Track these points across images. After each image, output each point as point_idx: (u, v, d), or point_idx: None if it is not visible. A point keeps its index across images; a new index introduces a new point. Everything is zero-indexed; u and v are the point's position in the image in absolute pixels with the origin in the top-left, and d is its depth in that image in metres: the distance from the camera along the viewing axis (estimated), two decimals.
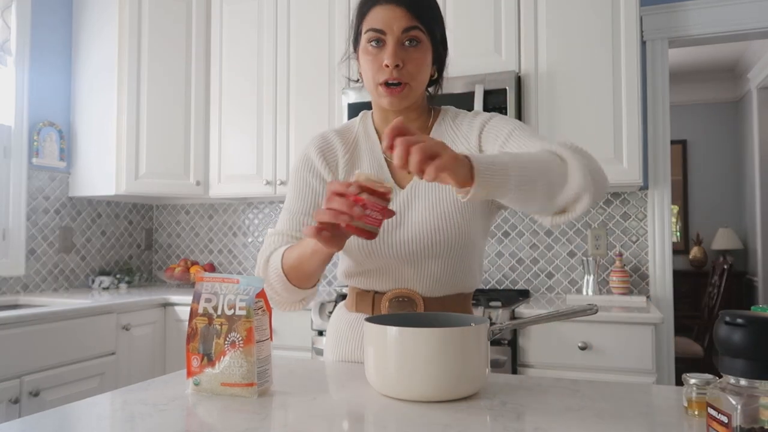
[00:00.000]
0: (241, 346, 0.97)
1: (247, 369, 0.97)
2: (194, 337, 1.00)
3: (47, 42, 3.05)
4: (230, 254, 3.49)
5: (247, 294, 0.99)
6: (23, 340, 2.17)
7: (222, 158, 3.14)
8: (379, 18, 1.12)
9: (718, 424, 0.64)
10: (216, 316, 0.99)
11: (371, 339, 0.97)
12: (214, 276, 1.02)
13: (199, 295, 1.01)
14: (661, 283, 2.70)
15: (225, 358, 0.97)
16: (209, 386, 0.98)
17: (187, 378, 1.01)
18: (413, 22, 1.11)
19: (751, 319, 0.63)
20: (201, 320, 1.00)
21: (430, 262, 1.17)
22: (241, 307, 0.98)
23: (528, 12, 2.59)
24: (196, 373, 0.99)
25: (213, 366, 0.98)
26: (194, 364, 0.99)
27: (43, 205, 3.01)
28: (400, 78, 1.12)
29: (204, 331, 0.99)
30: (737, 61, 5.55)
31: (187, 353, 1.01)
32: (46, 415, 0.88)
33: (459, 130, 1.22)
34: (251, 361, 0.96)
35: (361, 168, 1.23)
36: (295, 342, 2.56)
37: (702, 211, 6.02)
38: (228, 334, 0.98)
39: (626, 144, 2.45)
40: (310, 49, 2.97)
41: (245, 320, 0.97)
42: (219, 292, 1.00)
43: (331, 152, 1.24)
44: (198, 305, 1.00)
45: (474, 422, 0.84)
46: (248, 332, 0.97)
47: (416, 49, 1.13)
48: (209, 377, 0.98)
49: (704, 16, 2.71)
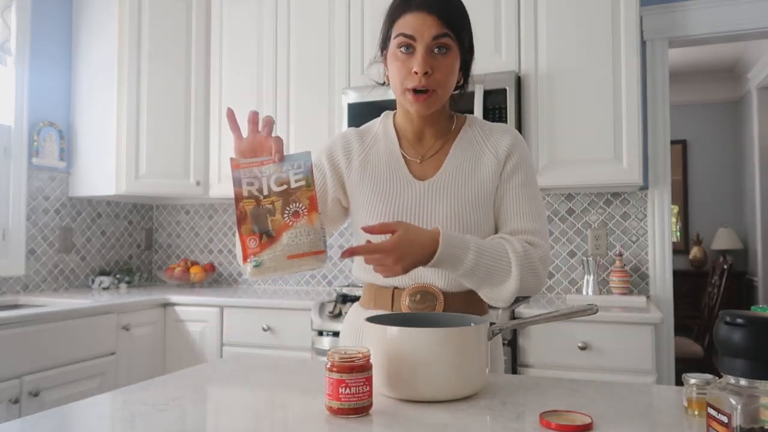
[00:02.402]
0: (306, 215, 0.96)
1: (314, 236, 0.96)
2: (245, 220, 0.97)
3: (47, 42, 3.05)
4: (230, 254, 3.48)
5: (300, 167, 0.98)
6: (23, 340, 2.17)
7: (222, 158, 3.14)
8: (411, 24, 1.13)
9: (718, 424, 0.64)
10: (263, 196, 0.97)
11: (371, 339, 0.97)
12: (251, 161, 0.99)
13: (239, 180, 0.98)
14: (661, 283, 2.70)
15: (289, 231, 0.96)
16: (273, 264, 0.96)
17: (243, 263, 0.97)
18: (443, 30, 1.12)
19: (751, 319, 0.63)
20: (248, 202, 0.97)
21: None
22: (297, 179, 0.97)
23: (528, 12, 2.59)
24: (256, 253, 0.96)
25: (275, 242, 0.96)
26: (251, 245, 0.96)
27: (43, 205, 3.01)
28: (427, 85, 1.13)
29: (254, 212, 0.97)
30: (737, 61, 5.55)
31: (240, 237, 0.97)
32: (46, 415, 0.88)
33: (488, 139, 1.26)
34: (317, 228, 0.96)
35: (378, 164, 1.28)
36: (295, 342, 2.56)
37: (702, 211, 6.02)
38: (285, 207, 0.96)
39: (626, 144, 2.45)
40: (310, 49, 2.97)
41: (306, 189, 0.97)
42: (260, 175, 0.98)
43: (347, 152, 1.30)
44: (242, 189, 0.98)
45: (474, 422, 0.84)
46: (311, 200, 0.97)
47: (445, 57, 1.14)
48: (273, 254, 0.96)
49: (704, 16, 2.71)
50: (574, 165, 2.51)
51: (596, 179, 2.48)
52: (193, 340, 2.76)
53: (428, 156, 1.26)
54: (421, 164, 1.25)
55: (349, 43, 2.87)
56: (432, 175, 1.23)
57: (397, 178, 1.24)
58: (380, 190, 1.24)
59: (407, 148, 1.27)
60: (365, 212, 1.24)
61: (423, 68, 1.12)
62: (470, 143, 1.26)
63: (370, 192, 1.25)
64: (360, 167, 1.28)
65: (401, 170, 1.24)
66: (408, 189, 1.23)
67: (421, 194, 1.22)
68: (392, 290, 1.23)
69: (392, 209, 1.21)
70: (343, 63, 2.89)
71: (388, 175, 1.25)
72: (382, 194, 1.23)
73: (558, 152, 2.53)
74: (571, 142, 2.51)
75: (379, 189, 1.24)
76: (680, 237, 6.07)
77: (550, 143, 2.54)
